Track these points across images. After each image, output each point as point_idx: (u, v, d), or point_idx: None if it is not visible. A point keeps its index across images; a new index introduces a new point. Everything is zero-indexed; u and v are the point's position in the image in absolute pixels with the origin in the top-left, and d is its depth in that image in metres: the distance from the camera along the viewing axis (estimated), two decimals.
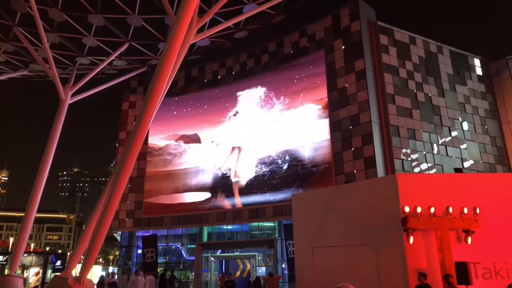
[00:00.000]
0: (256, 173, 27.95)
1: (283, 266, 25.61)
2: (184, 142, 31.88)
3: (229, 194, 28.58)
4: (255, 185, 27.61)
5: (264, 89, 29.17)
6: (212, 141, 30.42)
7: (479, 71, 28.17)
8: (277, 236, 26.50)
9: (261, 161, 27.89)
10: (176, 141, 32.19)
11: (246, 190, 27.90)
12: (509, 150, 26.65)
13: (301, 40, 28.06)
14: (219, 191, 29.07)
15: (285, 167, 26.54)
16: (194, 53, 26.34)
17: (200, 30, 16.65)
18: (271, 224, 27.31)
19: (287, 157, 26.63)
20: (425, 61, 25.87)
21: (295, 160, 26.23)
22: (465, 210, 11.04)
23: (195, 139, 31.53)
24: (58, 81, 19.51)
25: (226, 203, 28.52)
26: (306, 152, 25.76)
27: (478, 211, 11.09)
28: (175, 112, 32.85)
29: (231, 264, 28.83)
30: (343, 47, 25.34)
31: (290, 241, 22.32)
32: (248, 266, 28.21)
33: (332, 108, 25.04)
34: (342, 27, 25.73)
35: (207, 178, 30.03)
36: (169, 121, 32.75)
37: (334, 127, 24.62)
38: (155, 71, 11.96)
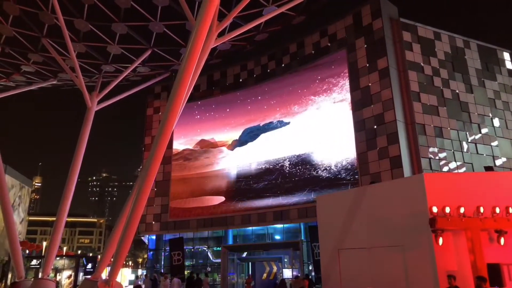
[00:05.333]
0: (279, 175, 27.84)
1: (310, 268, 25.38)
2: (200, 148, 32.33)
3: (252, 196, 28.59)
4: (279, 187, 27.51)
5: (286, 90, 29.06)
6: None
7: (509, 65, 27.17)
8: (302, 238, 26.30)
9: (285, 162, 27.77)
10: (197, 144, 32.63)
11: (269, 192, 27.84)
12: None
13: (322, 40, 27.83)
14: (242, 194, 29.14)
15: (308, 168, 26.33)
16: (215, 57, 26.52)
17: (221, 34, 16.74)
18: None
19: (311, 158, 26.42)
20: (451, 56, 25.16)
21: (319, 161, 25.99)
22: (497, 210, 10.67)
23: (213, 143, 31.87)
24: (84, 89, 20.03)
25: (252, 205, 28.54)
26: (330, 153, 25.47)
27: (511, 210, 10.69)
28: (198, 116, 33.22)
29: (258, 266, 28.81)
30: (365, 45, 24.97)
31: (315, 243, 22.10)
32: (275, 268, 28.09)
33: (356, 108, 24.69)
34: (363, 26, 25.38)
35: (231, 181, 30.19)
36: (192, 125, 33.15)
37: (358, 127, 24.26)
38: (176, 77, 12.10)
